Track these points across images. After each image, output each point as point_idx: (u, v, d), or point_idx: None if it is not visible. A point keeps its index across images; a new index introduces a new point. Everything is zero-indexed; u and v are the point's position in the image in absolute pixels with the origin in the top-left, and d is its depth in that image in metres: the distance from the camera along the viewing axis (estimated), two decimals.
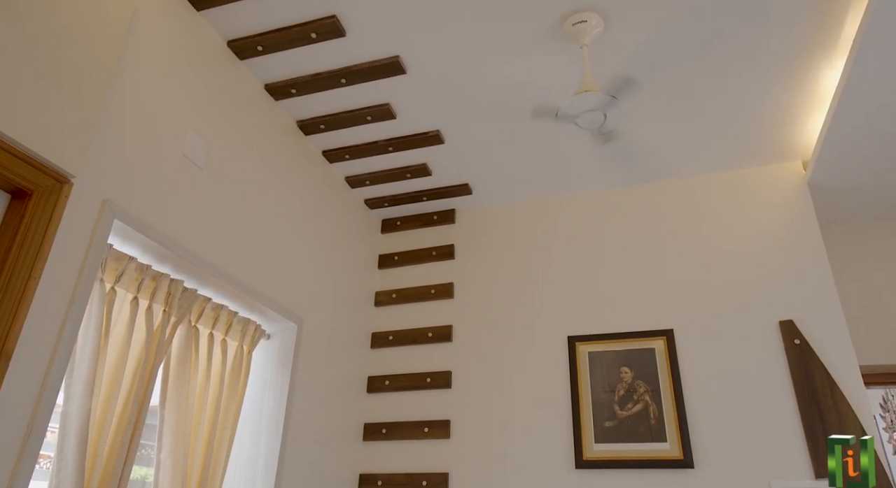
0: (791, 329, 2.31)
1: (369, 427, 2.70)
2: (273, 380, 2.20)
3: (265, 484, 2.02)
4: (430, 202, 3.01)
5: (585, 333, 2.61)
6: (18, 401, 1.26)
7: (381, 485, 2.57)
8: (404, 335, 2.85)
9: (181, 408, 1.74)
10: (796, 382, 2.23)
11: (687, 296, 2.54)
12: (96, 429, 1.48)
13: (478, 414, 2.60)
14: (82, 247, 1.43)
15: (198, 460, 1.78)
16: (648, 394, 2.40)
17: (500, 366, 2.67)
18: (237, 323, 2.06)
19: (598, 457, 2.35)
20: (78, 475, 1.37)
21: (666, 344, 2.46)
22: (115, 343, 1.57)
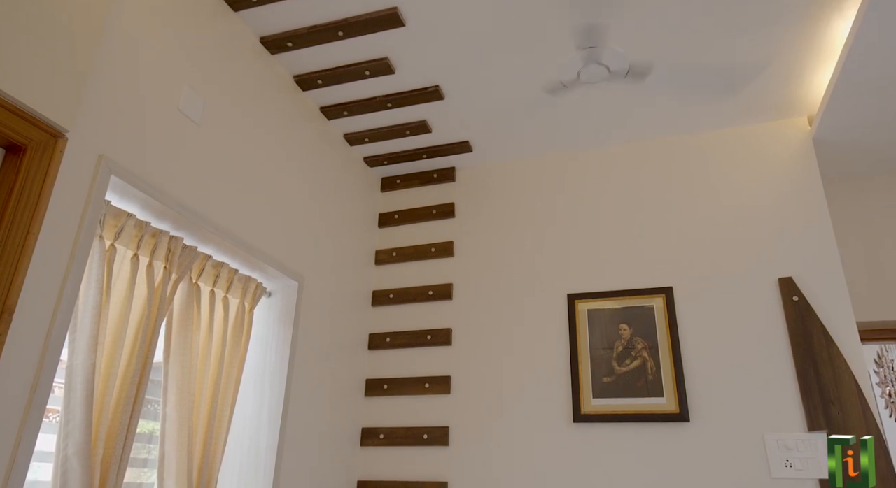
0: (790, 286, 2.32)
1: (371, 382, 2.75)
2: (275, 337, 2.23)
3: (270, 438, 2.07)
4: (429, 160, 2.98)
5: (585, 291, 2.62)
6: (23, 355, 1.27)
7: (382, 438, 2.63)
8: (405, 293, 2.87)
9: (185, 364, 1.76)
10: (793, 338, 2.25)
11: (687, 254, 2.54)
12: (101, 384, 1.50)
13: (478, 370, 2.64)
14: (80, 203, 1.42)
15: (203, 414, 1.81)
16: (646, 351, 2.43)
17: (499, 324, 2.69)
18: (238, 280, 2.07)
19: (596, 412, 2.40)
20: (86, 426, 1.39)
21: (665, 301, 2.48)
22: (116, 299, 1.58)
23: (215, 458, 1.82)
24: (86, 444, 1.39)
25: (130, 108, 1.61)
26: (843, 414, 2.11)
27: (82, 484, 1.37)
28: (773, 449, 2.15)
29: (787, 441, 2.14)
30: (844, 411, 2.11)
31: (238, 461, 2.05)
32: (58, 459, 1.38)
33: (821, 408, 2.14)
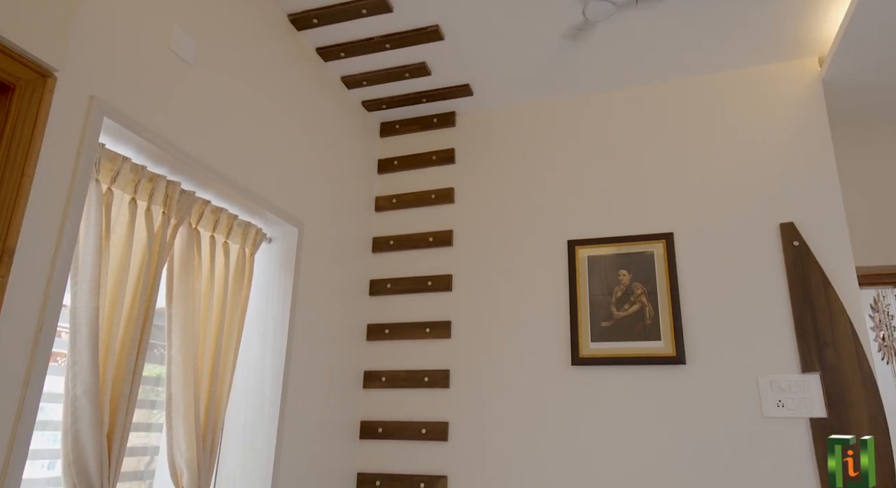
0: (791, 231, 2.32)
1: (372, 327, 2.79)
2: (276, 283, 2.24)
3: (273, 380, 2.11)
4: (429, 104, 2.92)
5: (585, 237, 2.62)
6: (26, 296, 1.28)
7: (384, 381, 2.69)
8: (405, 239, 2.87)
9: (188, 308, 1.77)
10: (791, 283, 2.26)
11: (688, 200, 2.53)
12: (106, 327, 1.52)
13: (478, 315, 2.67)
14: (73, 145, 1.40)
15: (207, 356, 1.84)
16: (645, 296, 2.45)
17: (500, 270, 2.70)
18: (238, 226, 2.06)
19: (594, 355, 2.44)
20: (93, 367, 1.41)
21: (665, 247, 2.48)
22: (116, 243, 1.58)
23: (221, 399, 1.86)
24: (94, 385, 1.42)
25: (121, 48, 1.56)
26: (837, 356, 2.15)
27: (92, 422, 1.40)
28: (766, 389, 2.20)
29: (780, 382, 2.19)
30: (838, 354, 2.15)
31: (243, 401, 2.10)
32: (67, 399, 1.41)
33: (815, 351, 2.18)
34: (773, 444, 2.15)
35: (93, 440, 1.40)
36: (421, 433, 2.56)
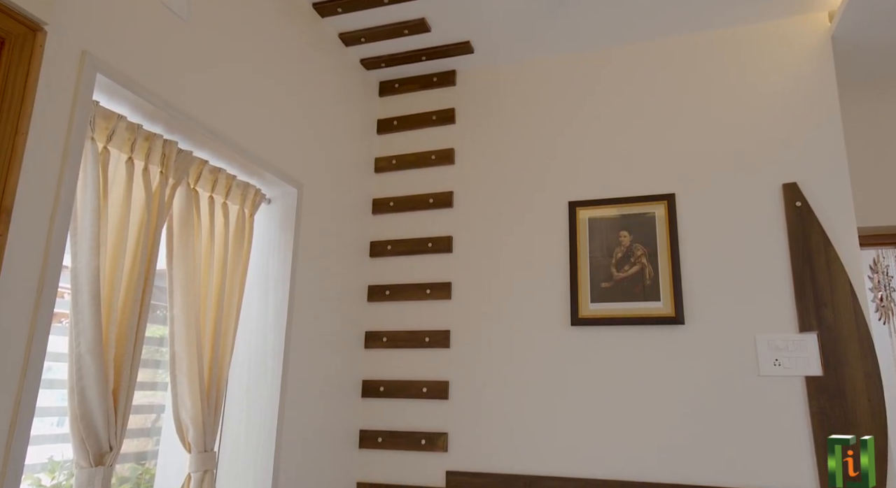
0: (794, 191, 2.30)
1: (373, 289, 2.80)
2: (276, 244, 2.24)
3: (276, 339, 2.14)
4: (429, 62, 2.86)
5: (586, 198, 2.61)
6: (26, 256, 1.28)
7: (385, 342, 2.72)
8: (405, 201, 2.86)
9: (188, 268, 1.78)
10: (792, 243, 2.26)
11: (691, 160, 2.50)
12: (107, 287, 1.52)
13: (478, 276, 2.68)
14: (67, 102, 1.38)
15: (210, 316, 1.86)
16: (645, 257, 2.45)
17: (500, 231, 2.70)
18: (236, 186, 2.05)
19: (593, 315, 2.46)
20: (96, 326, 1.43)
21: (667, 208, 2.47)
22: (115, 203, 1.57)
23: (224, 357, 1.88)
24: (97, 343, 1.43)
25: (112, 2, 1.52)
26: (835, 316, 2.16)
27: (97, 379, 1.42)
28: (763, 348, 2.22)
29: (777, 341, 2.21)
30: (837, 314, 2.16)
31: (246, 359, 2.13)
32: (72, 357, 1.43)
33: (814, 311, 2.19)
34: (768, 402, 2.18)
35: (98, 396, 1.42)
36: (422, 392, 2.60)
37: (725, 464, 2.17)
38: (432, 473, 2.51)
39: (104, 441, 1.43)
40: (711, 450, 2.20)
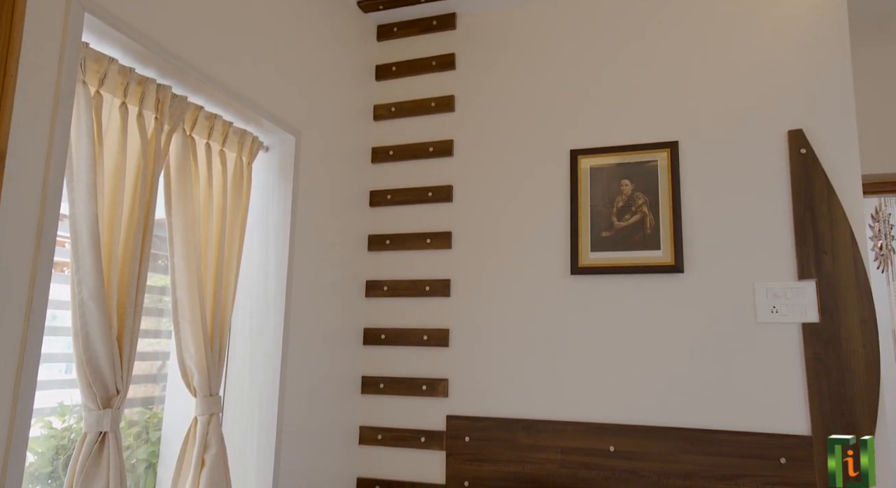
0: (799, 138, 2.27)
1: (373, 238, 2.80)
2: (275, 193, 2.22)
3: (277, 288, 2.15)
4: (428, 4, 2.76)
5: (588, 146, 2.57)
6: (23, 202, 1.27)
7: (386, 291, 2.74)
8: (405, 149, 2.82)
9: (187, 216, 1.77)
10: (794, 191, 2.25)
11: (695, 106, 2.45)
12: (107, 234, 1.52)
13: (478, 226, 2.67)
14: (55, 43, 1.34)
15: (210, 263, 1.86)
16: (646, 206, 2.43)
17: (501, 179, 2.68)
18: (233, 134, 2.01)
19: (593, 264, 2.47)
20: (97, 272, 1.43)
21: (669, 155, 2.44)
22: (110, 150, 1.54)
23: (226, 304, 1.90)
24: (99, 290, 1.43)
25: None
26: (834, 264, 2.17)
27: (101, 325, 1.43)
28: (761, 296, 2.24)
29: (775, 289, 2.23)
30: (836, 261, 2.17)
31: (249, 307, 2.15)
32: (75, 303, 1.44)
33: (813, 258, 2.20)
34: (764, 349, 2.22)
35: (103, 342, 1.43)
36: (422, 339, 2.64)
37: (720, 409, 2.23)
38: (433, 417, 2.58)
39: (111, 384, 1.45)
40: (707, 395, 2.25)
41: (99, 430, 1.43)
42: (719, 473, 2.16)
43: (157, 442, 2.03)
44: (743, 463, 2.14)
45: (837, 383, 2.10)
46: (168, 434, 2.02)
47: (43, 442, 1.69)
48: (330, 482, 2.43)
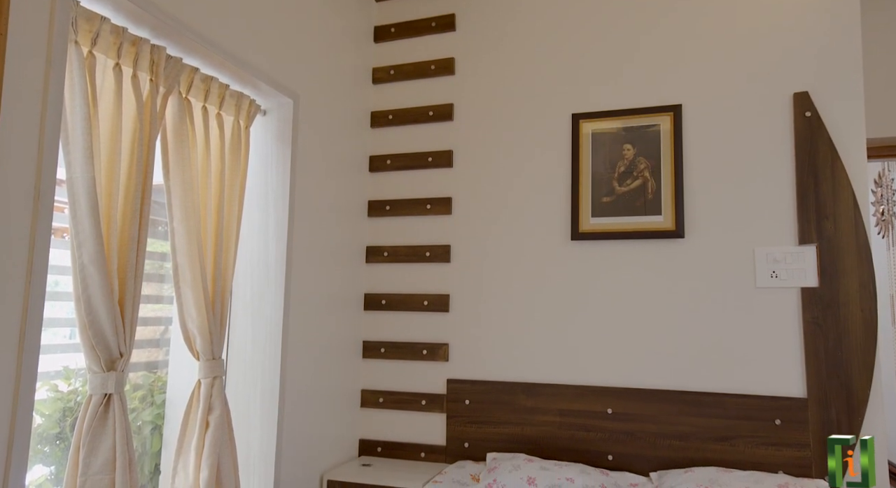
0: (804, 101, 2.24)
1: (373, 204, 2.79)
2: (274, 156, 2.20)
3: (278, 252, 2.15)
4: None
5: (590, 110, 2.53)
6: (19, 164, 1.26)
7: (386, 256, 2.74)
8: (404, 114, 2.78)
9: (185, 180, 1.75)
10: (798, 155, 2.23)
11: (700, 69, 2.41)
12: (105, 198, 1.51)
13: (478, 191, 2.66)
14: (46, 1, 1.30)
15: (210, 228, 1.85)
16: (648, 170, 2.42)
17: (501, 145, 2.65)
18: (230, 97, 1.98)
19: (593, 230, 2.46)
20: (96, 236, 1.42)
21: (672, 120, 2.41)
22: (105, 112, 1.52)
23: (227, 268, 1.90)
24: (99, 254, 1.43)
25: None
26: (835, 228, 2.16)
27: (102, 289, 1.43)
28: (761, 261, 2.24)
29: (775, 254, 2.23)
30: (837, 226, 2.16)
31: (249, 271, 2.16)
32: (75, 267, 1.44)
33: (814, 223, 2.19)
34: (762, 313, 2.23)
35: (105, 306, 1.44)
36: (423, 304, 2.65)
37: (717, 372, 2.25)
38: (433, 381, 2.61)
39: (114, 348, 1.47)
40: (704, 359, 2.28)
41: (104, 392, 1.45)
42: (715, 434, 2.20)
43: (161, 404, 2.06)
44: (738, 424, 2.18)
45: (834, 347, 2.12)
46: (172, 397, 2.05)
47: (50, 405, 1.72)
48: (333, 443, 2.48)
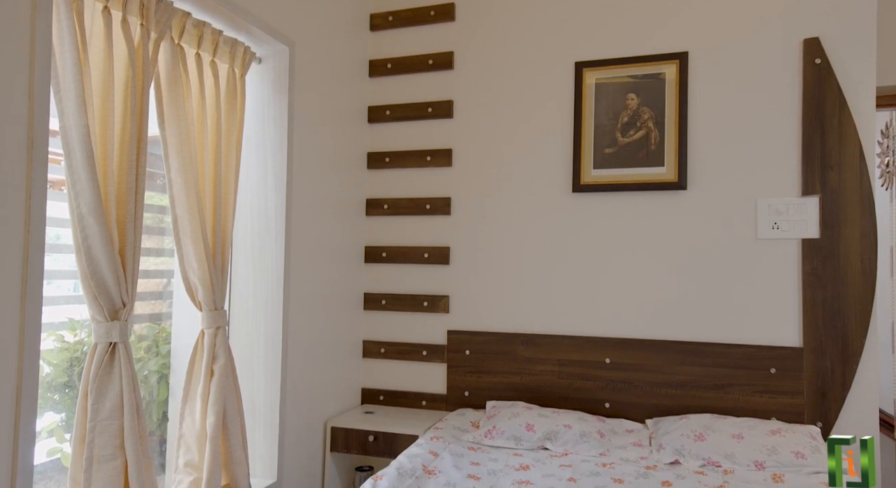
0: (814, 47, 2.17)
1: (373, 155, 2.76)
2: (271, 107, 2.16)
3: (277, 203, 2.14)
4: None
5: (594, 58, 2.47)
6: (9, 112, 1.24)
7: (386, 209, 2.73)
8: (403, 62, 2.72)
9: (181, 130, 1.72)
10: (806, 103, 2.18)
11: (707, 14, 2.33)
12: (100, 148, 1.48)
13: (479, 142, 2.62)
14: None
15: (208, 178, 1.84)
16: (652, 121, 2.37)
17: (503, 94, 2.60)
18: (224, 43, 1.93)
19: (595, 182, 2.44)
20: (93, 186, 1.41)
21: (678, 68, 2.35)
22: (96, 58, 1.48)
23: (227, 219, 1.89)
24: (97, 204, 1.42)
25: None
26: (839, 178, 2.14)
27: (102, 239, 1.43)
28: (763, 212, 2.23)
29: (777, 205, 2.21)
30: (842, 177, 2.14)
31: (250, 223, 2.15)
32: (74, 218, 1.43)
33: (818, 173, 2.17)
34: (762, 264, 2.23)
35: (105, 256, 1.44)
36: (423, 257, 2.66)
37: (715, 323, 2.27)
38: (434, 332, 2.64)
39: (116, 297, 1.47)
40: (703, 310, 2.29)
41: (108, 341, 1.47)
42: (711, 383, 2.24)
43: (167, 355, 2.09)
44: (734, 373, 2.22)
45: (832, 297, 2.13)
46: (177, 347, 2.08)
47: (57, 355, 1.75)
48: (336, 391, 2.53)
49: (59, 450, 1.72)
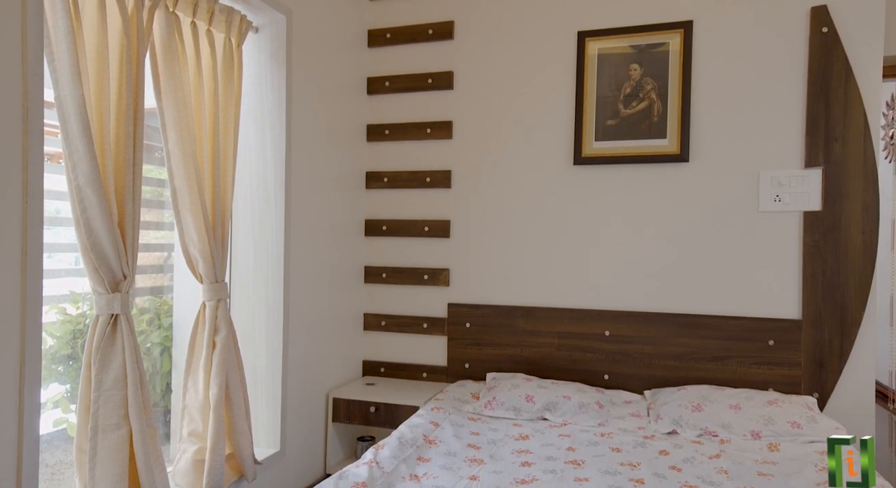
0: (822, 16, 2.13)
1: (372, 128, 2.73)
2: (268, 76, 2.13)
3: (276, 175, 2.13)
4: None
5: (597, 27, 2.43)
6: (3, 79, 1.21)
7: (386, 182, 2.71)
8: (403, 32, 2.67)
9: (178, 101, 1.70)
10: (811, 74, 2.15)
11: None
12: (97, 118, 1.47)
13: (480, 114, 2.59)
14: None
15: (206, 151, 1.82)
16: (655, 92, 2.34)
17: (504, 65, 2.56)
18: (220, 12, 1.89)
19: (596, 154, 2.42)
20: (90, 157, 1.40)
21: (682, 37, 2.31)
22: (90, 27, 1.45)
23: (226, 191, 1.89)
24: (95, 176, 1.41)
25: None
26: (843, 151, 2.12)
27: (101, 211, 1.42)
28: (765, 185, 2.22)
29: (780, 177, 2.20)
30: (846, 149, 2.12)
31: (249, 195, 2.15)
32: (72, 190, 1.42)
33: (822, 145, 2.15)
34: (763, 237, 2.23)
35: (105, 228, 1.43)
36: (424, 230, 2.66)
37: (715, 296, 2.28)
38: (434, 305, 2.65)
39: (116, 269, 1.47)
40: (703, 283, 2.30)
41: (110, 312, 1.47)
42: (709, 355, 2.26)
43: (169, 327, 2.10)
44: (732, 345, 2.23)
45: (832, 270, 2.13)
46: (179, 319, 2.09)
47: (60, 327, 1.75)
48: (337, 363, 2.55)
49: (66, 420, 1.74)
